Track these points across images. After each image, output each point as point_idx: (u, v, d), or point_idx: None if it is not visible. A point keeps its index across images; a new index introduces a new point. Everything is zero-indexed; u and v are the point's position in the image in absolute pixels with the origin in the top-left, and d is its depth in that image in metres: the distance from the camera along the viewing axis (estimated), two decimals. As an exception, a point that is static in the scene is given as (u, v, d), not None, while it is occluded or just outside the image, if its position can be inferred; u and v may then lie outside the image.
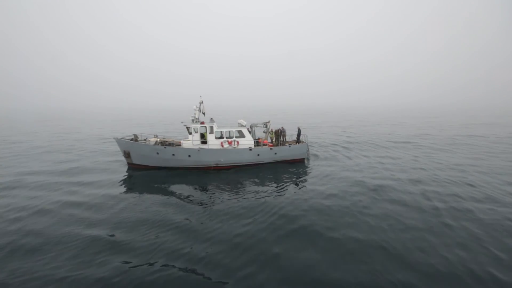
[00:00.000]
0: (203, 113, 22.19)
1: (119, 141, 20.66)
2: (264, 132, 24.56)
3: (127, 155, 20.54)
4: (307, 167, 21.10)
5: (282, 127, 26.34)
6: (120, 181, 17.70)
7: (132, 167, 20.85)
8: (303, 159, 23.09)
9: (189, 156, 19.89)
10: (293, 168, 20.71)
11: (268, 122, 24.16)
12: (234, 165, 20.94)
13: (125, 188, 16.48)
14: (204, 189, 16.47)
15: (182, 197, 14.83)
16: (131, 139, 20.66)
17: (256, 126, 24.09)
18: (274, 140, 22.71)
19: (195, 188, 16.49)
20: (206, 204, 13.66)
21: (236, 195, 14.95)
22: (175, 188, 16.46)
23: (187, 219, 11.76)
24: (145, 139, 21.61)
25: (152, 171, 19.97)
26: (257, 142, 22.28)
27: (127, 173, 19.62)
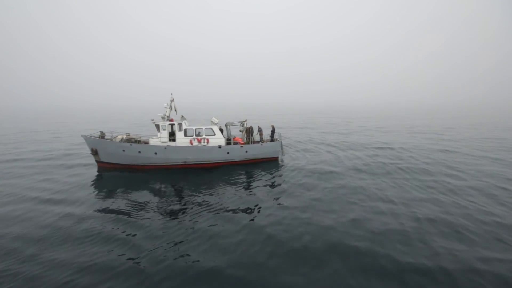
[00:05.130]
0: (175, 111, 21.92)
1: (86, 139, 20.37)
2: (240, 131, 24.19)
3: (94, 152, 20.24)
4: (278, 168, 20.50)
5: (258, 127, 26.03)
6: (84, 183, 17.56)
7: (100, 166, 20.55)
8: (277, 157, 22.68)
9: (156, 153, 19.57)
10: (264, 168, 20.29)
11: (245, 121, 23.73)
12: (203, 164, 20.58)
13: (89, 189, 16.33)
14: (164, 190, 16.32)
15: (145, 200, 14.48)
16: (99, 136, 20.39)
17: (232, 125, 23.67)
18: (245, 138, 22.29)
19: (158, 190, 16.29)
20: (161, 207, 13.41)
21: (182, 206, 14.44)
22: (139, 191, 15.90)
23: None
24: (115, 137, 21.33)
25: (117, 172, 19.65)
26: (228, 141, 21.90)
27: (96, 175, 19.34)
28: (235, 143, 21.62)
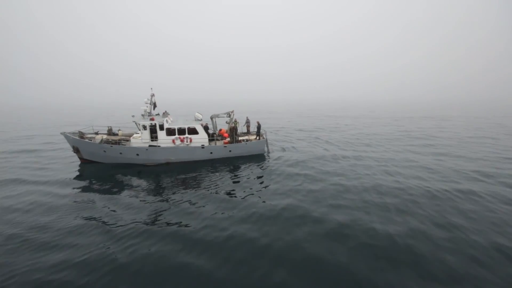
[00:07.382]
0: (154, 107, 21.08)
1: (66, 137, 20.00)
2: (226, 122, 23.75)
3: (76, 150, 20.07)
4: (261, 163, 20.37)
5: (247, 118, 25.51)
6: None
7: (83, 162, 20.55)
8: (262, 153, 22.67)
9: (137, 154, 19.44)
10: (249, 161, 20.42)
11: (232, 111, 23.18)
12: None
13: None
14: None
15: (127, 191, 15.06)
16: (78, 137, 19.95)
17: (218, 117, 23.16)
18: (229, 131, 21.99)
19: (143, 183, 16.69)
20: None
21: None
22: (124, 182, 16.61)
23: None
24: (96, 133, 20.94)
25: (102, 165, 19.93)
26: (213, 136, 21.71)
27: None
28: (220, 135, 21.65)
